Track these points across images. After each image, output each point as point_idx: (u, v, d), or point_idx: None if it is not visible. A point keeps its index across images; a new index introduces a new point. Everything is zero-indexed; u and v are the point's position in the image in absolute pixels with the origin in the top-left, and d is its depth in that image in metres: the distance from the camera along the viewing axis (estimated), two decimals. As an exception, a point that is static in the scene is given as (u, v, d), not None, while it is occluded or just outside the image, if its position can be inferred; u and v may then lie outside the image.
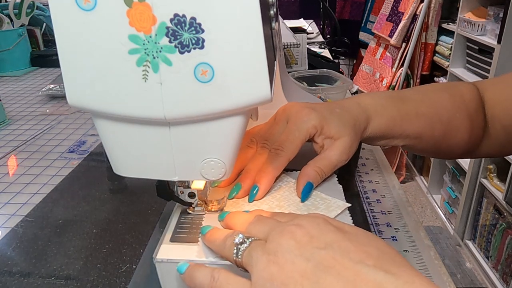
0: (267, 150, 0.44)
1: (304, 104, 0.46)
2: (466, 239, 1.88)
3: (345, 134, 0.44)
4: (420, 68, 2.24)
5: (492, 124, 0.52)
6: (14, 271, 0.36)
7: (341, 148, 0.44)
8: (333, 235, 0.28)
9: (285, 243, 0.28)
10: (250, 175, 0.42)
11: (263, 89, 0.29)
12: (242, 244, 0.30)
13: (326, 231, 0.28)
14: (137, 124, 0.31)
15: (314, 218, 0.30)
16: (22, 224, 0.42)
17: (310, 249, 0.27)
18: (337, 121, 0.44)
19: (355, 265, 0.25)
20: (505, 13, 1.52)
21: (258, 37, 0.28)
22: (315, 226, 0.29)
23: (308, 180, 0.42)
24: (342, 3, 2.94)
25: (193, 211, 0.40)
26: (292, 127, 0.44)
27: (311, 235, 0.28)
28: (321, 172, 0.43)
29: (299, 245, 0.27)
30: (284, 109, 0.46)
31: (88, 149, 0.72)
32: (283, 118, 0.46)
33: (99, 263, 0.36)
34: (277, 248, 0.28)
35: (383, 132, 0.47)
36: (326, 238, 0.28)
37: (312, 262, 0.26)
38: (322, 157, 0.44)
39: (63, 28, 0.28)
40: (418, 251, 0.44)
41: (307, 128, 0.43)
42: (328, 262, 0.26)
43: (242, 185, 0.42)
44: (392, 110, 0.47)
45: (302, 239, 0.28)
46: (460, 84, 0.54)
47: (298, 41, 1.01)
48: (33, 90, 1.16)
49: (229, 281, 0.28)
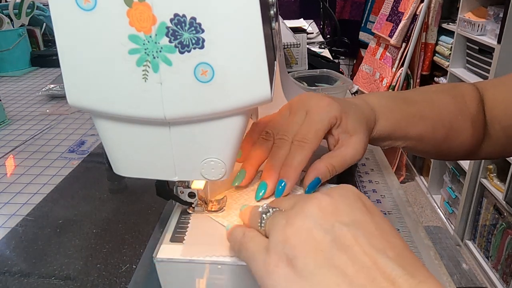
0: (287, 143, 0.42)
1: (323, 94, 0.44)
2: (466, 239, 1.88)
3: (360, 131, 0.43)
4: (420, 68, 2.24)
5: (492, 125, 0.52)
6: (14, 271, 0.36)
7: (356, 146, 0.42)
8: (360, 214, 0.27)
9: (308, 208, 0.27)
10: (274, 171, 0.41)
11: (263, 89, 0.29)
12: (266, 214, 0.30)
13: (354, 208, 0.27)
14: (137, 124, 0.31)
15: (345, 191, 0.29)
16: (22, 224, 0.42)
17: (332, 221, 0.26)
18: (353, 116, 0.43)
19: (375, 253, 0.24)
20: (505, 13, 1.52)
21: (258, 37, 0.28)
22: (344, 199, 0.27)
23: (317, 175, 0.41)
24: (342, 3, 2.94)
25: (193, 211, 0.40)
26: (314, 118, 0.42)
27: (337, 206, 0.27)
28: (332, 170, 0.41)
29: (322, 213, 0.26)
30: (301, 100, 0.44)
31: (88, 149, 0.72)
32: (300, 109, 0.43)
33: (99, 263, 0.36)
34: (298, 212, 0.27)
35: (388, 134, 0.47)
36: (352, 215, 0.26)
37: (330, 236, 0.25)
38: (337, 154, 0.42)
39: (63, 28, 0.28)
40: (418, 251, 0.44)
41: (329, 118, 0.42)
42: (347, 240, 0.25)
43: (268, 183, 0.40)
44: (397, 112, 0.47)
45: (326, 209, 0.27)
46: (461, 85, 0.54)
47: (298, 41, 1.01)
48: (33, 90, 1.15)
49: (254, 238, 0.29)
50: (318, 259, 0.25)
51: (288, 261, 0.25)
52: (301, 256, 0.25)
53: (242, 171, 0.42)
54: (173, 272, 0.34)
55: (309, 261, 0.25)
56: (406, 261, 0.24)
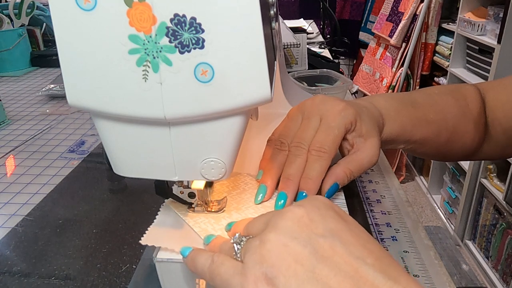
0: (304, 151, 0.40)
1: (336, 98, 0.43)
2: (466, 239, 1.88)
3: (374, 134, 0.42)
4: (420, 68, 2.24)
5: (493, 126, 0.52)
6: (14, 271, 0.36)
7: (372, 150, 0.42)
8: (334, 223, 0.26)
9: (281, 223, 0.26)
10: (292, 182, 0.39)
11: (263, 89, 0.29)
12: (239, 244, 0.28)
13: (327, 217, 0.26)
14: (137, 124, 0.31)
15: (314, 200, 0.28)
16: (22, 224, 0.42)
17: (308, 233, 0.25)
18: (367, 119, 0.42)
19: (354, 261, 0.24)
20: (505, 13, 1.52)
21: (258, 37, 0.28)
22: (316, 210, 0.27)
23: (336, 181, 0.40)
24: (342, 3, 2.94)
25: (193, 211, 0.40)
26: (330, 124, 0.41)
27: (311, 218, 0.26)
28: (350, 175, 0.41)
29: (296, 227, 0.26)
30: (314, 104, 0.43)
31: (88, 149, 0.72)
32: (314, 114, 0.42)
33: (99, 263, 0.36)
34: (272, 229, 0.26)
35: (394, 137, 0.46)
36: (327, 225, 0.26)
37: (308, 249, 0.24)
38: (354, 159, 0.42)
39: (63, 28, 0.28)
40: (418, 251, 0.44)
41: (345, 124, 0.41)
42: (326, 251, 0.24)
43: (288, 195, 0.39)
44: (404, 115, 0.47)
45: (300, 221, 0.26)
46: (463, 87, 0.53)
47: (298, 41, 1.01)
48: (33, 90, 1.15)
49: (225, 262, 0.27)
50: (299, 274, 0.24)
51: (268, 280, 0.24)
52: (281, 274, 0.24)
53: (262, 186, 0.41)
54: (173, 272, 0.34)
55: (290, 278, 0.24)
56: (386, 266, 0.24)
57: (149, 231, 0.36)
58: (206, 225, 0.38)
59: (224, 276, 0.26)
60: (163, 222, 0.38)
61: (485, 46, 1.69)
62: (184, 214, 0.39)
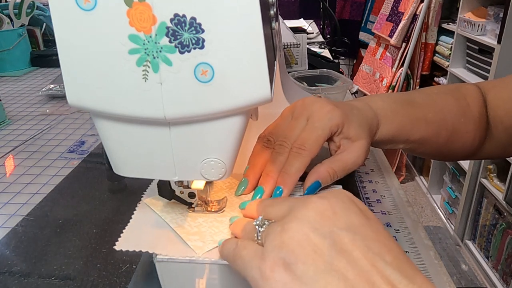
0: (287, 149, 0.41)
1: (326, 100, 0.44)
2: (466, 239, 1.88)
3: (363, 137, 0.43)
4: (420, 68, 2.24)
5: (495, 125, 0.52)
6: (14, 271, 0.36)
7: (359, 152, 0.42)
8: (356, 218, 0.26)
9: (304, 213, 0.27)
10: (271, 177, 0.40)
11: (263, 89, 0.29)
12: (261, 226, 0.29)
13: (350, 212, 0.27)
14: (137, 124, 0.31)
15: (339, 194, 0.29)
16: (22, 224, 0.42)
17: (330, 225, 0.26)
18: (356, 121, 0.43)
19: (373, 256, 0.24)
20: (505, 13, 1.52)
21: (258, 37, 0.28)
22: (340, 203, 0.27)
23: (318, 179, 0.41)
24: (342, 3, 2.94)
25: (193, 211, 0.40)
26: (315, 124, 0.42)
27: (334, 211, 0.27)
28: (333, 174, 0.41)
29: (319, 218, 0.26)
30: (303, 104, 0.44)
31: (88, 149, 0.72)
32: (303, 114, 0.43)
33: (99, 263, 0.36)
34: (294, 217, 0.27)
35: (392, 137, 0.47)
36: (349, 219, 0.26)
37: (328, 240, 0.25)
38: (338, 159, 0.42)
39: (63, 28, 0.28)
40: (418, 251, 0.44)
41: (331, 126, 0.41)
42: (345, 245, 0.25)
43: (265, 189, 0.40)
44: (402, 115, 0.47)
45: (323, 213, 0.26)
46: (463, 86, 0.53)
47: (298, 41, 1.01)
48: (33, 90, 1.15)
49: (247, 246, 0.28)
50: (318, 264, 0.24)
51: (286, 266, 0.25)
52: (300, 262, 0.25)
53: (244, 180, 0.42)
54: (173, 272, 0.34)
55: (309, 266, 0.24)
56: (403, 264, 0.25)
57: (123, 234, 0.36)
58: (183, 221, 0.38)
59: (246, 258, 0.27)
60: (139, 223, 0.38)
61: (485, 46, 1.69)
62: (161, 210, 0.40)
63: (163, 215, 0.39)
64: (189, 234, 0.36)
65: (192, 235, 0.36)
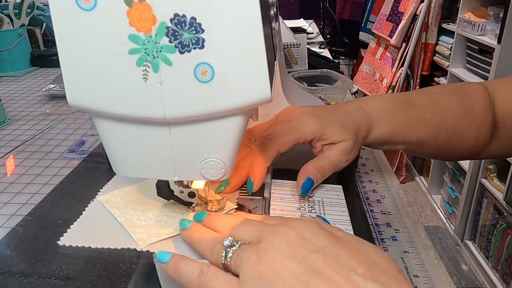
0: None
1: (308, 109, 0.46)
2: (466, 239, 1.88)
3: (346, 138, 0.44)
4: (420, 68, 2.24)
5: (503, 124, 0.51)
6: (14, 271, 0.36)
7: (341, 149, 0.44)
8: (326, 240, 0.28)
9: (277, 243, 0.28)
10: (239, 171, 0.43)
11: (263, 89, 0.29)
12: (231, 247, 0.29)
13: (319, 235, 0.28)
14: (137, 124, 0.31)
15: (307, 221, 0.30)
16: (22, 224, 0.42)
17: (302, 251, 0.27)
18: (338, 126, 0.44)
19: (346, 272, 0.26)
20: (505, 13, 1.51)
21: (258, 37, 0.28)
22: (308, 229, 0.29)
23: (308, 176, 0.42)
24: (342, 3, 2.94)
25: (193, 210, 0.40)
26: (290, 125, 0.44)
27: (304, 237, 0.28)
28: (321, 169, 0.43)
29: (291, 246, 0.27)
30: (288, 111, 0.47)
31: (88, 149, 0.72)
32: (285, 119, 0.46)
33: (99, 263, 0.36)
34: (268, 247, 0.28)
35: (387, 138, 0.47)
36: (319, 242, 0.28)
37: (303, 264, 0.26)
38: (322, 156, 0.44)
39: (63, 28, 0.28)
40: (418, 251, 0.44)
41: (304, 132, 0.44)
42: (319, 266, 0.26)
43: (230, 182, 0.43)
44: (398, 117, 0.47)
45: (294, 241, 0.28)
46: (468, 86, 0.53)
47: (298, 41, 1.01)
48: (33, 90, 1.15)
49: (218, 276, 0.28)
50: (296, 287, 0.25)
51: None
52: None
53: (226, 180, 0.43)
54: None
55: None
56: (377, 274, 0.26)
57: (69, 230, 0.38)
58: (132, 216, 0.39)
59: None
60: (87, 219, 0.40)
61: (485, 46, 1.69)
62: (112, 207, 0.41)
63: (113, 210, 0.40)
64: (135, 227, 0.38)
65: (138, 228, 0.38)
